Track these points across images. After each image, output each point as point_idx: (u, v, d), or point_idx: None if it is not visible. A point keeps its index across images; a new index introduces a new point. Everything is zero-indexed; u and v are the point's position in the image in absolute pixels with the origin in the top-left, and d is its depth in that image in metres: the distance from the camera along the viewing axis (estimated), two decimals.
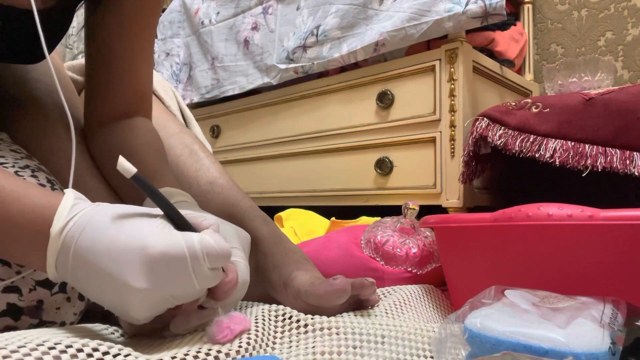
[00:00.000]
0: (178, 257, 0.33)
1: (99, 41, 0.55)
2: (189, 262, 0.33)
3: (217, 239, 0.35)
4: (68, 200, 0.36)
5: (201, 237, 0.35)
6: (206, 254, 0.34)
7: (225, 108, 1.49)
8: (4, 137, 0.52)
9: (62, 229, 0.34)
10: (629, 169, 0.70)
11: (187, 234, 0.35)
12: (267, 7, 1.32)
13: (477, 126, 0.86)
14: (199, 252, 0.34)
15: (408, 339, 0.41)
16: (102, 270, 0.34)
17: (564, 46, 1.39)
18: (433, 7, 0.96)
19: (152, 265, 0.33)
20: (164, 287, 0.34)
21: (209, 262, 0.34)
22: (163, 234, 0.34)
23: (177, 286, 0.34)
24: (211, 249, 0.34)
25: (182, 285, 0.34)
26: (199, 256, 0.34)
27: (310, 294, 0.47)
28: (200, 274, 0.34)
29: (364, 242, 0.72)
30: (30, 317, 0.42)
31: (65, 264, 0.35)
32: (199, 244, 0.34)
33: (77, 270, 0.35)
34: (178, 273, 0.34)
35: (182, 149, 0.65)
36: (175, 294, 0.35)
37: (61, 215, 0.35)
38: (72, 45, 2.12)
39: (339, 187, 1.18)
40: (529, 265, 0.49)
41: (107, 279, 0.34)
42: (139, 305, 0.34)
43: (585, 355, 0.31)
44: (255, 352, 0.38)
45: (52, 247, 0.35)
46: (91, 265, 0.34)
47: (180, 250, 0.33)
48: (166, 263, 0.33)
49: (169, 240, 0.34)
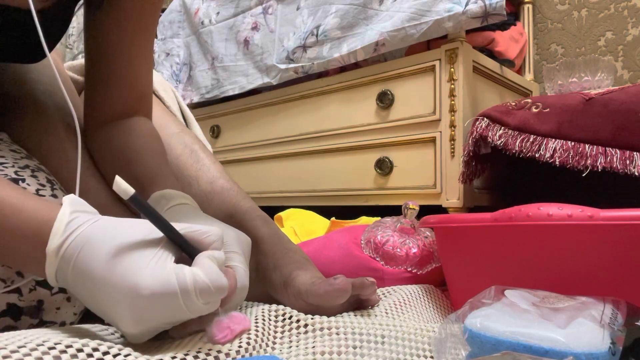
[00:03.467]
0: (169, 296, 0.33)
1: (98, 41, 0.55)
2: (180, 300, 0.33)
3: (211, 273, 0.34)
4: (64, 215, 0.35)
5: (193, 274, 0.33)
6: (199, 291, 0.33)
7: (225, 108, 1.49)
8: (4, 137, 0.52)
9: (58, 248, 0.34)
10: (629, 169, 0.70)
11: (179, 269, 0.34)
12: (267, 7, 1.32)
13: (477, 126, 0.86)
14: (191, 289, 0.33)
15: (408, 339, 0.41)
16: (97, 297, 0.34)
17: (564, 46, 1.39)
18: (433, 7, 0.96)
19: (142, 305, 0.33)
20: (156, 321, 0.34)
21: (201, 299, 0.34)
22: (155, 271, 0.33)
23: (170, 319, 0.35)
24: (204, 286, 0.33)
25: (175, 317, 0.35)
26: (191, 293, 0.33)
27: (310, 294, 0.47)
28: (193, 309, 0.34)
29: (364, 242, 0.72)
30: (31, 317, 0.42)
31: (65, 277, 0.35)
32: (192, 281, 0.33)
33: (76, 286, 0.35)
34: (170, 309, 0.33)
35: (182, 149, 0.65)
36: (169, 323, 0.35)
37: (56, 234, 0.34)
38: (72, 45, 2.12)
39: (339, 187, 1.18)
40: (529, 265, 0.49)
41: (102, 306, 0.34)
42: (134, 334, 0.35)
43: (585, 355, 0.31)
44: (255, 352, 0.38)
45: (50, 264, 0.35)
46: (88, 287, 0.34)
47: (172, 289, 0.33)
48: (157, 302, 0.33)
49: (161, 279, 0.33)
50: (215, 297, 0.35)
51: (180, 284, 0.33)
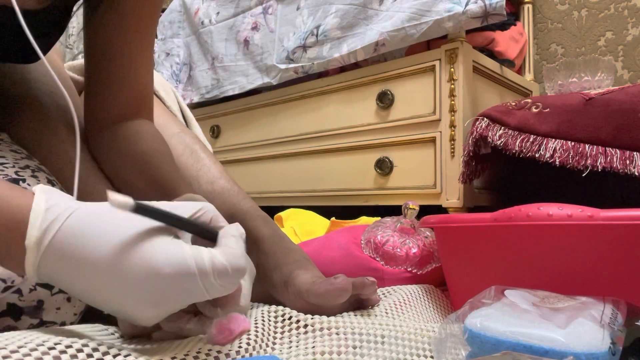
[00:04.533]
0: (189, 277, 0.32)
1: (98, 42, 0.55)
2: (199, 281, 0.33)
3: (230, 254, 0.34)
4: (39, 204, 0.33)
5: (212, 256, 0.33)
6: (217, 273, 0.33)
7: (225, 108, 1.49)
8: (4, 138, 0.52)
9: (39, 240, 0.32)
10: (629, 169, 0.70)
11: (197, 250, 0.33)
12: (267, 7, 1.32)
13: (477, 126, 0.86)
14: (209, 271, 0.33)
15: (408, 339, 0.41)
16: (100, 287, 0.33)
17: (564, 46, 1.39)
18: (433, 7, 0.96)
19: (162, 287, 0.32)
20: (174, 303, 0.34)
21: (219, 280, 0.33)
22: (174, 253, 0.33)
23: (188, 300, 0.34)
24: (222, 267, 0.33)
25: (192, 299, 0.34)
26: (210, 275, 0.33)
27: (311, 293, 0.47)
28: (211, 290, 0.34)
29: (364, 242, 0.72)
30: (31, 317, 0.42)
31: (51, 270, 0.33)
32: (210, 263, 0.33)
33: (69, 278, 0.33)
34: (189, 290, 0.33)
35: (182, 149, 0.65)
36: (186, 304, 0.35)
37: (34, 225, 0.32)
38: (72, 45, 2.12)
39: (339, 187, 1.18)
40: (529, 265, 0.49)
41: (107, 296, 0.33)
42: (149, 316, 0.34)
43: (585, 355, 0.31)
44: (255, 352, 0.38)
45: (31, 258, 0.32)
46: (88, 278, 0.32)
47: (191, 271, 0.32)
48: (177, 283, 0.32)
49: (180, 260, 0.32)
50: (234, 279, 0.34)
51: (199, 265, 0.33)
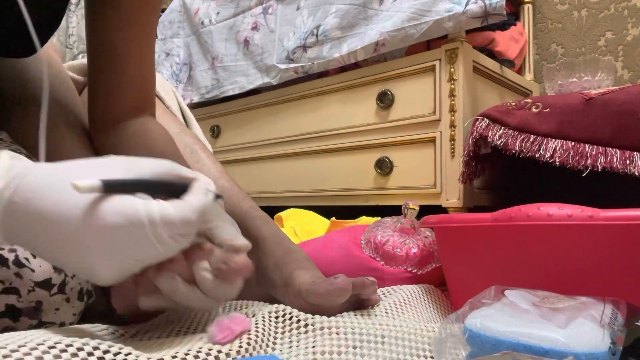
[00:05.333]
0: (135, 225, 0.32)
1: (100, 41, 0.55)
2: (147, 229, 0.33)
3: (181, 207, 0.34)
4: (3, 163, 0.33)
5: (161, 206, 0.33)
6: (165, 222, 0.33)
7: (225, 108, 1.49)
8: (4, 137, 0.52)
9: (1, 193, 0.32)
10: (629, 169, 0.70)
11: (147, 200, 0.33)
12: (267, 7, 1.32)
13: (477, 126, 0.86)
14: (158, 220, 0.33)
15: (408, 339, 0.41)
16: (60, 242, 0.33)
17: (564, 46, 1.39)
18: (433, 7, 0.96)
19: (111, 237, 0.32)
20: (127, 256, 0.33)
21: (167, 230, 0.33)
22: (123, 202, 0.33)
23: (140, 254, 0.34)
24: (170, 218, 0.33)
25: (145, 251, 0.34)
26: (158, 224, 0.33)
27: (311, 293, 0.47)
28: (163, 243, 0.33)
29: (364, 242, 0.72)
30: (29, 318, 0.42)
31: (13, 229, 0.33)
32: (158, 212, 0.33)
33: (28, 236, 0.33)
34: (138, 240, 0.33)
35: (182, 149, 0.65)
36: (139, 259, 0.34)
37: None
38: (72, 45, 2.12)
39: (339, 187, 1.18)
40: (529, 265, 0.49)
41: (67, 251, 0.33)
42: (108, 275, 0.34)
43: (585, 355, 0.31)
44: (255, 352, 0.38)
45: None
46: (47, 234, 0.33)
47: (138, 219, 0.32)
48: (125, 232, 0.32)
49: (128, 209, 0.32)
50: (182, 230, 0.34)
51: (148, 215, 0.32)
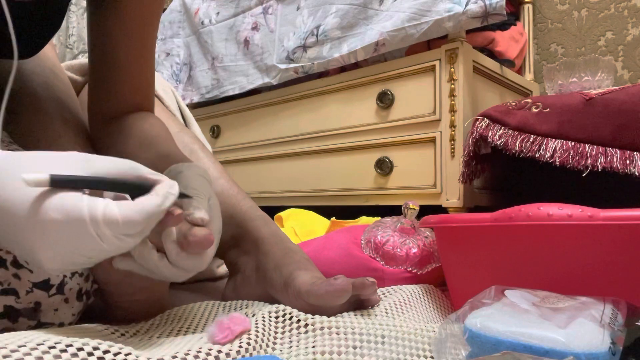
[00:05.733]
0: (77, 222, 0.32)
1: (101, 39, 0.55)
2: (89, 227, 0.33)
3: (127, 207, 0.34)
4: None
5: (105, 205, 0.33)
6: (106, 221, 0.33)
7: (225, 108, 1.49)
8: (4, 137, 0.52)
9: None
10: (629, 169, 0.70)
11: (93, 198, 0.33)
12: (267, 7, 1.32)
13: (477, 126, 0.86)
14: (100, 218, 0.33)
15: (408, 339, 0.41)
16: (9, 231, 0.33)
17: (564, 46, 1.38)
18: (433, 7, 0.96)
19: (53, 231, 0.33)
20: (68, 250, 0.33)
21: (109, 230, 0.33)
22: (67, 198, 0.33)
23: (82, 249, 0.34)
24: (112, 218, 0.33)
25: (88, 247, 0.34)
26: (100, 223, 0.33)
27: (311, 294, 0.47)
28: (106, 240, 0.34)
29: (364, 242, 0.72)
30: (28, 318, 0.42)
31: None
32: (101, 210, 0.33)
33: None
34: (79, 236, 0.33)
35: (181, 148, 0.65)
36: (86, 254, 0.34)
37: None
38: (72, 45, 2.12)
39: (339, 187, 1.18)
40: (529, 265, 0.49)
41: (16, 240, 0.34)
42: (50, 262, 0.34)
43: (585, 355, 0.31)
44: (255, 352, 0.38)
45: None
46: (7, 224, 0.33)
47: (79, 216, 0.32)
48: (66, 227, 0.33)
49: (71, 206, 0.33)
50: (124, 231, 0.34)
51: (91, 212, 0.33)
